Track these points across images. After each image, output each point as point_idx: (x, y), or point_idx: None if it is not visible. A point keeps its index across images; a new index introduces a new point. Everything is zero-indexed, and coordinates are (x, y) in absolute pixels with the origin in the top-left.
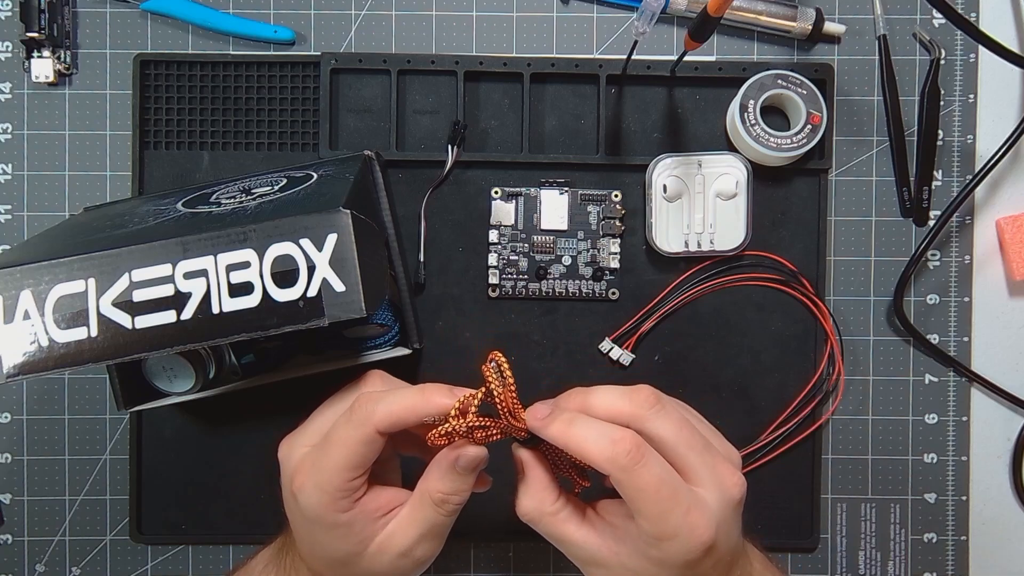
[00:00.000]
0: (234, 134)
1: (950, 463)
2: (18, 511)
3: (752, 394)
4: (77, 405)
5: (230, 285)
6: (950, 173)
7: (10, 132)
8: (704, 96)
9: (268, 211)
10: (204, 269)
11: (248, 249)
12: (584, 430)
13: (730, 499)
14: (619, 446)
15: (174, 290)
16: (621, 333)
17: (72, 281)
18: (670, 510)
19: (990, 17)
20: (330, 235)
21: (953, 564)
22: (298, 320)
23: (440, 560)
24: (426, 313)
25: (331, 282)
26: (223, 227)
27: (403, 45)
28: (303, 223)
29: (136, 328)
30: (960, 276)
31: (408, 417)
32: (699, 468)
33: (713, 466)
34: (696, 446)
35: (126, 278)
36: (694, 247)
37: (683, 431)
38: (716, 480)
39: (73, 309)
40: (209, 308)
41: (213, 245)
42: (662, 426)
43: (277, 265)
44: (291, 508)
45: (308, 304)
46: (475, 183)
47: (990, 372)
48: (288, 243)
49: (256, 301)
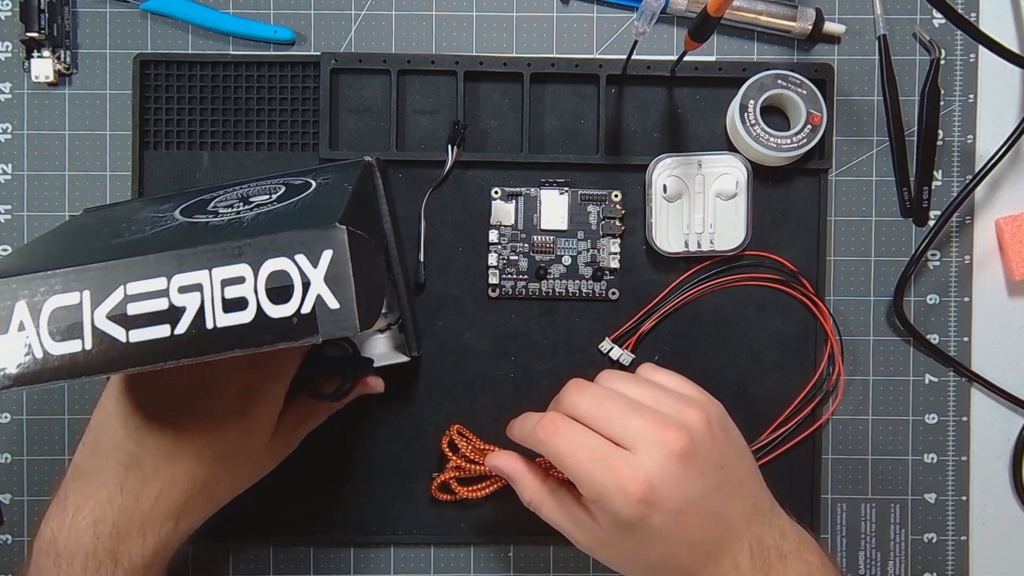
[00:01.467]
0: (234, 134)
1: (950, 463)
2: (18, 511)
3: (752, 394)
4: (77, 405)
5: (224, 300)
6: (950, 173)
7: (10, 132)
8: (704, 96)
9: (264, 224)
10: (199, 283)
11: (243, 264)
12: (520, 422)
13: (669, 451)
14: (540, 425)
15: (168, 304)
16: (621, 333)
17: (67, 293)
18: (593, 470)
19: (990, 17)
20: (326, 251)
21: (953, 564)
22: (292, 337)
23: (440, 560)
24: (426, 313)
25: (325, 299)
26: (219, 240)
27: (403, 45)
28: (299, 238)
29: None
30: (960, 276)
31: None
32: (624, 432)
33: (642, 426)
34: (616, 413)
35: (121, 291)
36: (694, 247)
37: (602, 403)
38: (648, 438)
39: (68, 321)
40: (203, 323)
41: (208, 259)
42: (579, 403)
43: (272, 281)
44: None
45: (302, 321)
46: (475, 183)
47: (990, 372)
48: (283, 259)
49: (250, 317)
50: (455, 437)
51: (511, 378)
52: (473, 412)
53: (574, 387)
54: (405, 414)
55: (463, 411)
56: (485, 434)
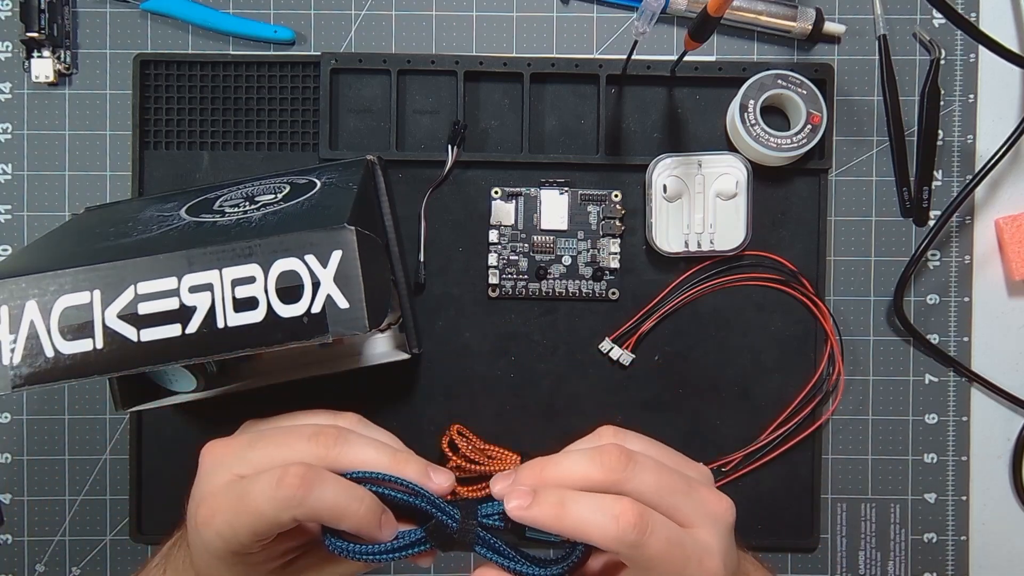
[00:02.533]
0: (234, 134)
1: (950, 463)
2: (18, 511)
3: (752, 394)
4: (77, 405)
5: (235, 300)
6: (950, 173)
7: (10, 132)
8: (704, 96)
9: (272, 224)
10: (209, 283)
11: (253, 264)
12: (581, 511)
13: (726, 526)
14: (623, 520)
15: (179, 303)
16: (621, 333)
17: (78, 292)
18: (684, 568)
19: (990, 17)
20: (335, 252)
21: (953, 564)
22: (302, 336)
23: (440, 560)
24: (426, 313)
25: (335, 299)
26: (228, 240)
27: (403, 45)
28: (308, 239)
29: (141, 341)
30: (960, 276)
31: (343, 518)
32: (690, 510)
33: (702, 501)
34: (679, 488)
35: (131, 290)
36: (694, 247)
37: (663, 478)
38: (708, 514)
39: (79, 320)
40: (214, 322)
41: (218, 259)
42: (643, 481)
43: (282, 281)
44: (192, 533)
45: (312, 320)
46: (475, 183)
47: (990, 372)
48: (293, 259)
49: (260, 316)
50: (455, 437)
51: (511, 378)
52: (473, 412)
53: (623, 463)
54: (405, 414)
55: (463, 411)
56: (485, 434)
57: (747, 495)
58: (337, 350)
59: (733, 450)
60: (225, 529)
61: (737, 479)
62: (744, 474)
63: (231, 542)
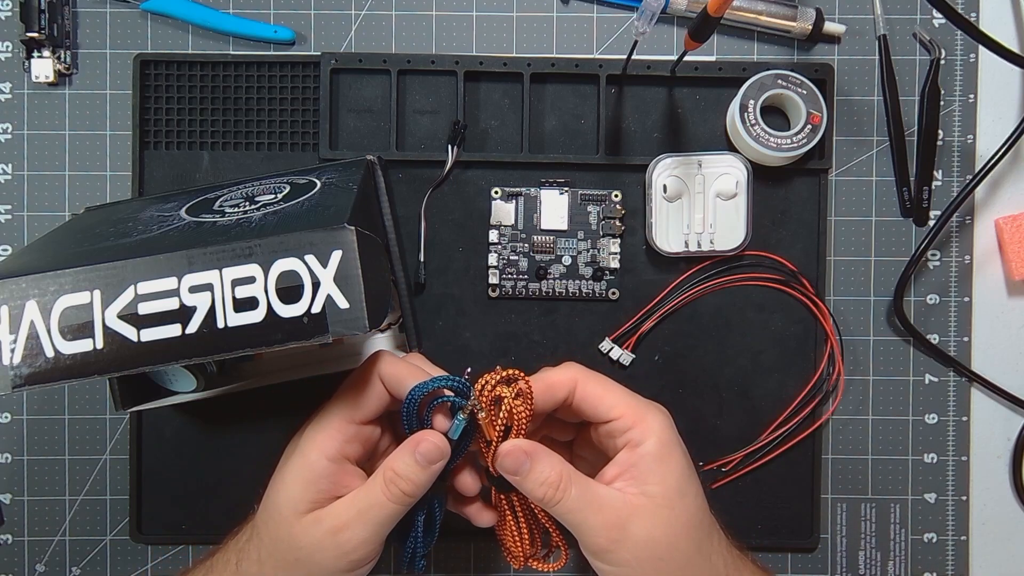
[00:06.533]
0: (234, 134)
1: (950, 463)
2: (18, 511)
3: (752, 394)
4: (77, 405)
5: (235, 300)
6: (950, 173)
7: (10, 132)
8: (704, 96)
9: (273, 224)
10: (210, 283)
11: (253, 264)
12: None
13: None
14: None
15: (179, 304)
16: (621, 333)
17: (78, 292)
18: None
19: (990, 17)
20: (335, 252)
21: (953, 564)
22: (302, 336)
23: (440, 560)
24: (426, 313)
25: (335, 299)
26: (228, 240)
27: (403, 45)
28: (308, 239)
29: (141, 341)
30: (960, 276)
31: (408, 376)
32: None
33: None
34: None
35: (131, 290)
36: (694, 247)
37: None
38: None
39: (79, 321)
40: (214, 322)
41: (218, 259)
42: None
43: (282, 281)
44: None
45: (312, 320)
46: (475, 183)
47: (990, 372)
48: (293, 259)
49: (261, 316)
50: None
51: None
52: None
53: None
54: None
55: None
56: None
57: (747, 495)
58: (337, 350)
59: (733, 450)
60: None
61: (737, 479)
62: (744, 474)
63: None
